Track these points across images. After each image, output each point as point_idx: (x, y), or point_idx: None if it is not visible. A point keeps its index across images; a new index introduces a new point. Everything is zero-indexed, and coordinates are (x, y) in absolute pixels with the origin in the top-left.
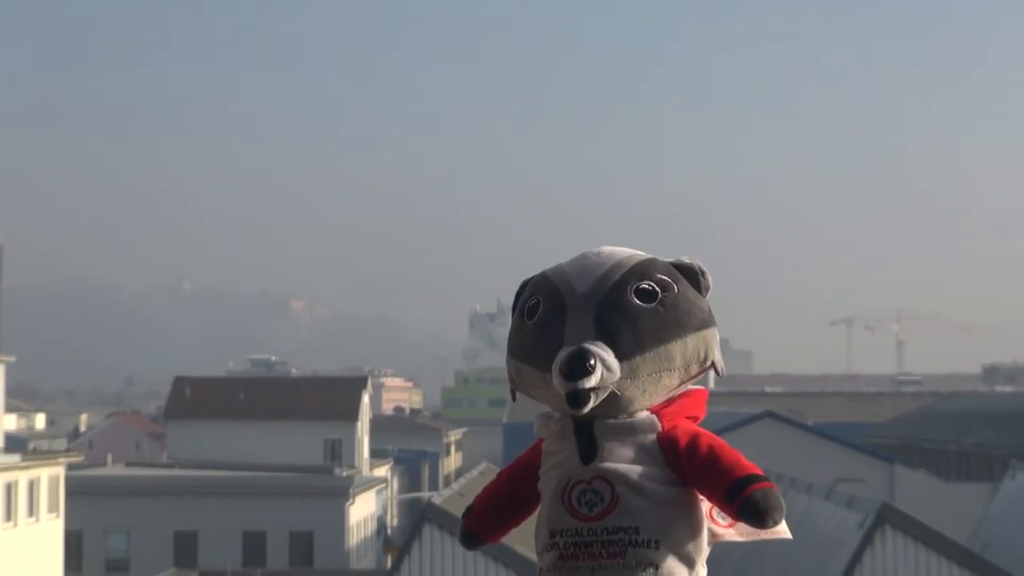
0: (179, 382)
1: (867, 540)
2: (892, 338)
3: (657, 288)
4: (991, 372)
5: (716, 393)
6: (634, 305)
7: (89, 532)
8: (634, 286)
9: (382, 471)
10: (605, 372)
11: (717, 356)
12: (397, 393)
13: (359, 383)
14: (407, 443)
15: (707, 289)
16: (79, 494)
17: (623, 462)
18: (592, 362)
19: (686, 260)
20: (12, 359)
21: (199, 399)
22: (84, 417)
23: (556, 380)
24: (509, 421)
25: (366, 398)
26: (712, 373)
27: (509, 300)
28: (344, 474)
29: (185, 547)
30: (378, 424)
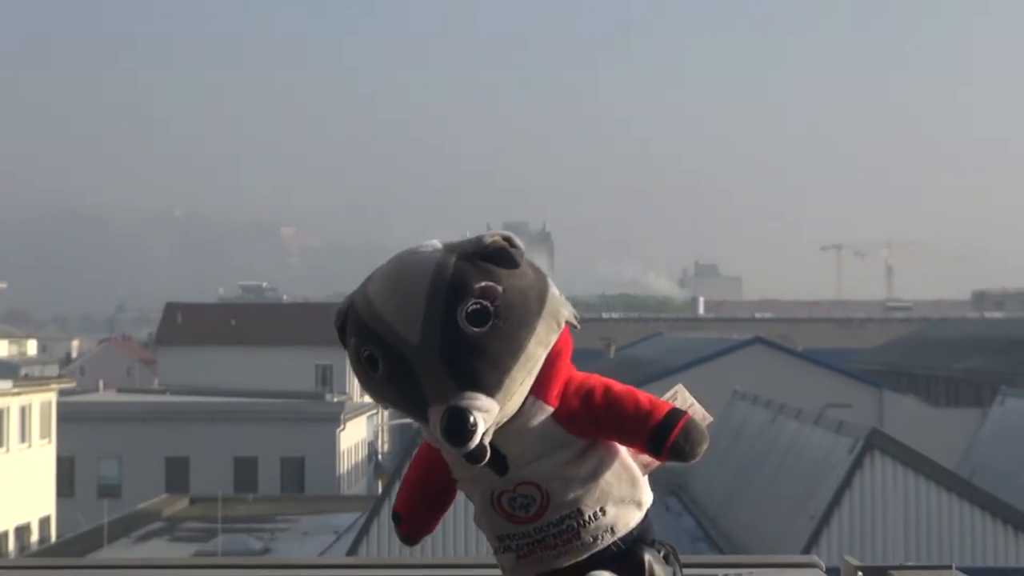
0: (170, 308)
1: (856, 465)
2: (882, 264)
3: (484, 302)
4: (980, 298)
5: (706, 319)
6: (474, 335)
7: (81, 458)
8: (462, 312)
9: None
10: (485, 416)
11: (567, 314)
12: None
13: None
14: None
15: (522, 253)
16: (71, 420)
17: (537, 460)
18: (472, 421)
19: (487, 241)
20: (4, 286)
21: (190, 325)
22: (76, 343)
23: (444, 446)
24: None
25: None
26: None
27: (498, 225)
28: (335, 400)
29: (176, 473)
30: None
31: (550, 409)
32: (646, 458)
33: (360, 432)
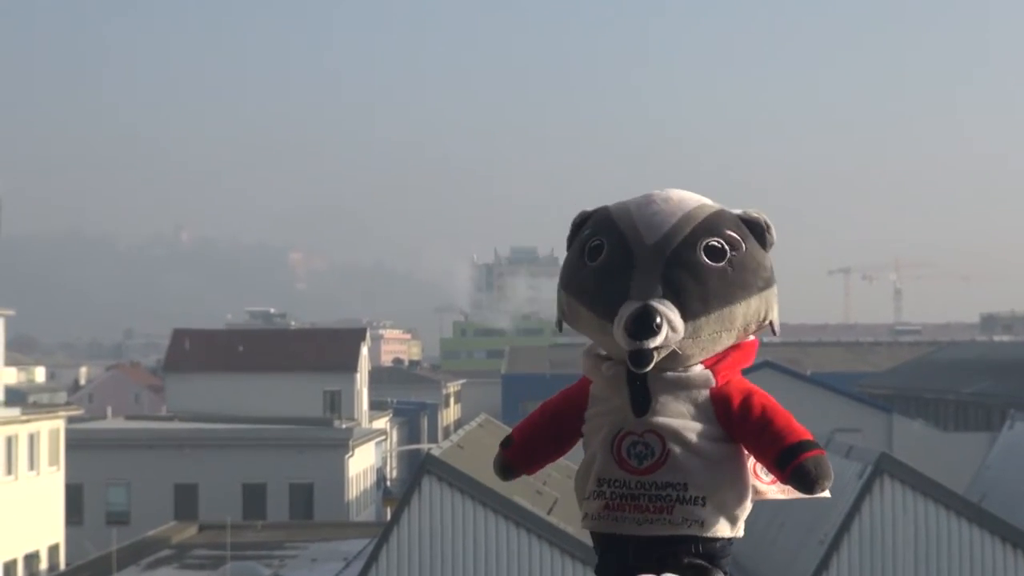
0: (178, 334)
1: (866, 490)
2: (890, 287)
3: (726, 246)
4: (989, 321)
5: None
6: (703, 264)
7: (89, 485)
8: (704, 243)
9: (381, 423)
10: (670, 332)
11: (775, 316)
12: (396, 345)
13: (358, 335)
14: (406, 395)
15: (771, 245)
16: (79, 447)
17: (675, 417)
18: (659, 321)
19: (753, 213)
20: (12, 312)
21: (198, 351)
22: (84, 370)
23: (620, 336)
24: (507, 372)
25: (365, 350)
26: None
27: (506, 251)
28: (343, 426)
29: (185, 500)
30: (377, 376)
31: (712, 382)
32: (760, 485)
33: (369, 458)
